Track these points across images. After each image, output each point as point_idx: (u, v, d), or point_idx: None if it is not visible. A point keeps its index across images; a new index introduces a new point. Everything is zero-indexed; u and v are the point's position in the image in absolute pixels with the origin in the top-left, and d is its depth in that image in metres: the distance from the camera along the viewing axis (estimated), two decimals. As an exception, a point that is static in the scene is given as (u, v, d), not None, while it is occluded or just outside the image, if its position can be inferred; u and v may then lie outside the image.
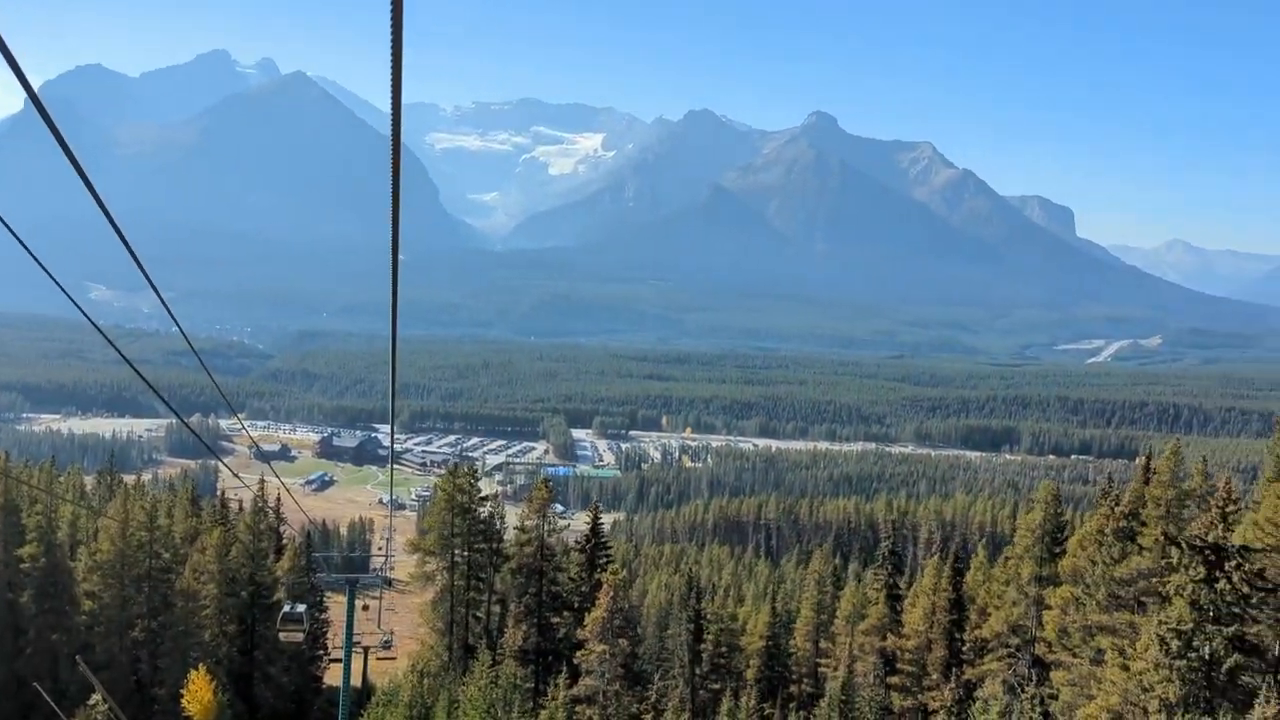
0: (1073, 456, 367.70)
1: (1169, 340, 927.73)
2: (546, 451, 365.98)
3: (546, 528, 47.46)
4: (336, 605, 65.07)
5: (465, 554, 52.10)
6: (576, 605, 46.98)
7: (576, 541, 53.05)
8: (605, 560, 50.87)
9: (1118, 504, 50.03)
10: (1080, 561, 52.20)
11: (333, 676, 65.30)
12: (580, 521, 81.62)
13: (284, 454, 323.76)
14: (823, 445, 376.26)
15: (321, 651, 67.24)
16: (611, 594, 39.49)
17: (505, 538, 56.54)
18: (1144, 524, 47.49)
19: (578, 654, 41.29)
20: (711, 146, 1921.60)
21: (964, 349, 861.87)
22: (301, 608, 34.37)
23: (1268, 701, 35.56)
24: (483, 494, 53.65)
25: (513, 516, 56.91)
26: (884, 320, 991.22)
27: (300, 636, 34.51)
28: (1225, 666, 39.77)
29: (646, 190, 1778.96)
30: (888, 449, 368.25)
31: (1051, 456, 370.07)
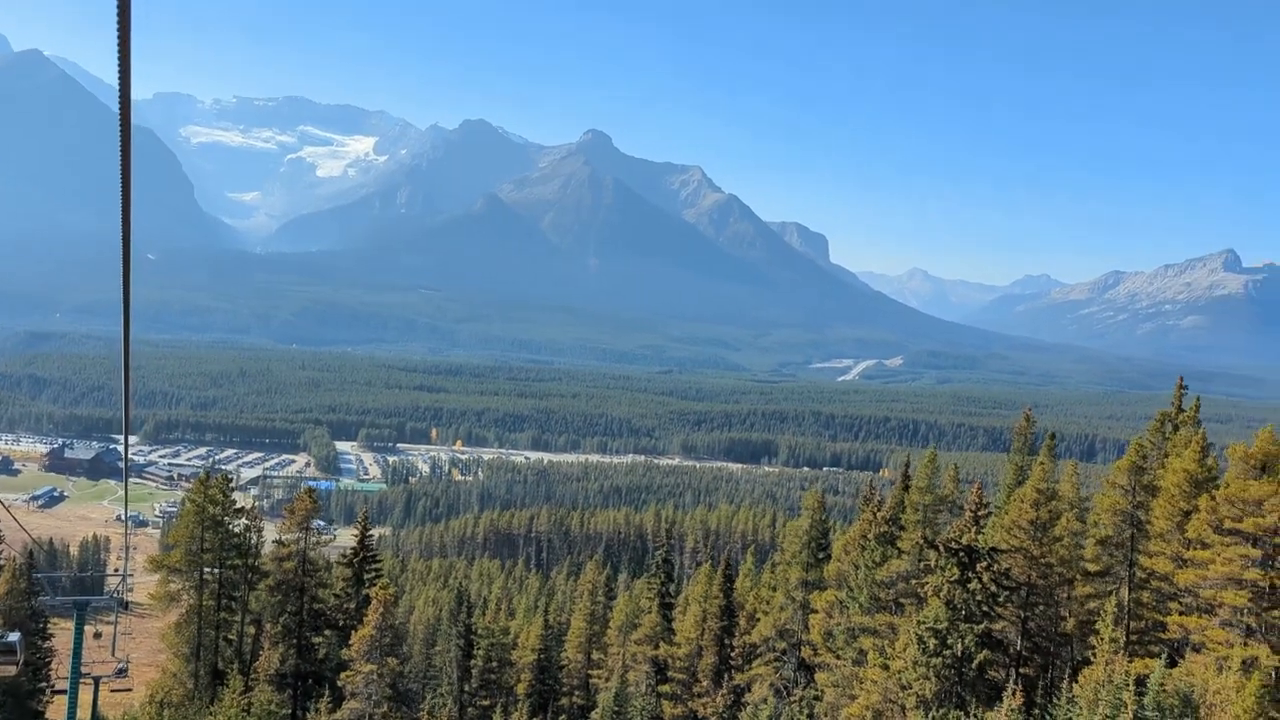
0: (825, 469, 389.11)
1: (909, 361, 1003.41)
2: (307, 465, 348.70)
3: (310, 541, 44.16)
4: (64, 632, 58.22)
5: (216, 571, 47.69)
6: (341, 623, 43.96)
7: (343, 555, 49.78)
8: (374, 574, 47.99)
9: (879, 510, 52.39)
10: (844, 566, 54.29)
11: (57, 711, 58.25)
12: (345, 537, 77.34)
13: (4, 466, 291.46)
14: (594, 458, 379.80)
15: (44, 684, 59.90)
16: (381, 610, 37.03)
17: (262, 553, 52.34)
18: (903, 528, 49.94)
19: (342, 675, 38.52)
20: (487, 157, 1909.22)
21: (728, 365, 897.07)
22: (14, 636, 29.91)
23: (1013, 694, 37.84)
24: (238, 505, 49.42)
25: (271, 532, 52.84)
26: (654, 335, 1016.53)
27: (13, 670, 30.03)
28: (975, 662, 42.10)
29: (419, 197, 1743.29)
30: (656, 461, 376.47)
31: (806, 469, 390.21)
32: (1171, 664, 36.42)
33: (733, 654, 63.37)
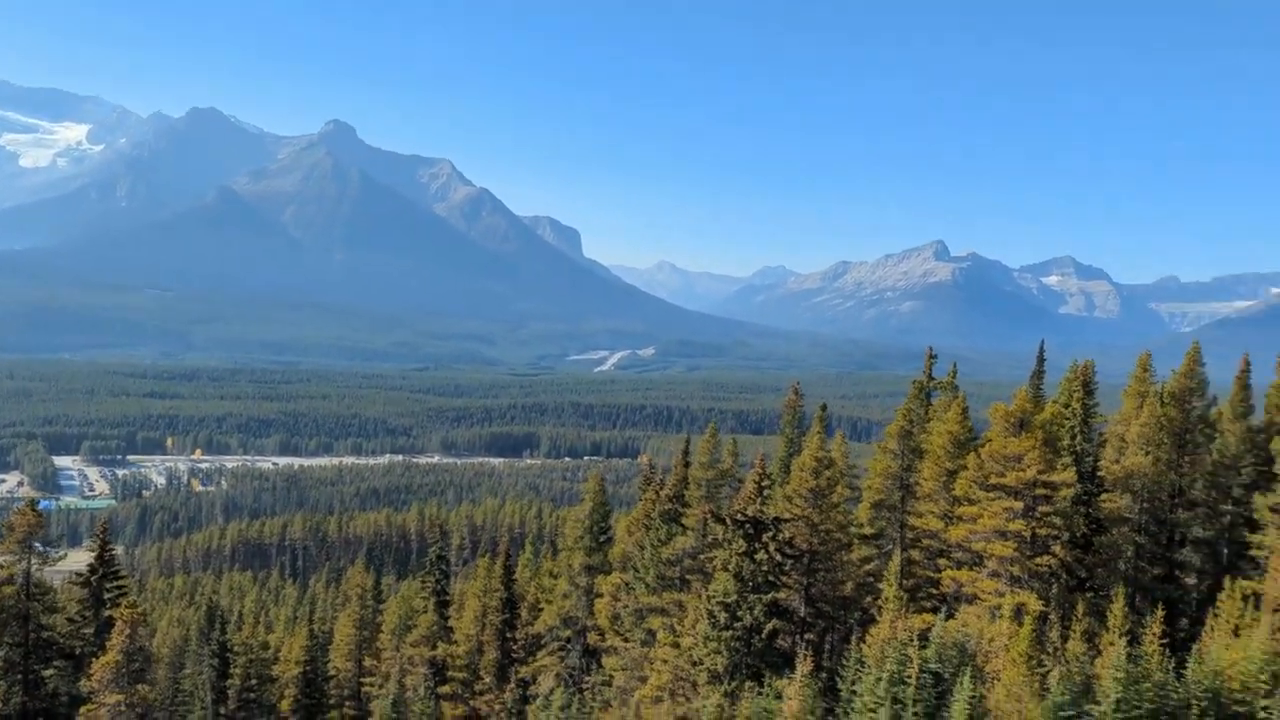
0: (585, 458, 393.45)
1: (661, 350, 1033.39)
2: (21, 483, 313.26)
3: (34, 562, 38.37)
4: None
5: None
6: (78, 652, 38.53)
7: (76, 575, 43.83)
8: (117, 593, 42.49)
9: (662, 489, 52.21)
10: (629, 547, 53.80)
11: None
12: (73, 561, 69.05)
13: None
14: (349, 460, 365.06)
15: None
16: (128, 632, 32.53)
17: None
18: (687, 505, 49.96)
19: (82, 710, 33.62)
20: (219, 148, 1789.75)
21: (485, 360, 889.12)
22: None
23: (804, 659, 38.38)
24: (-62, 529, 42.28)
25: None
26: (407, 332, 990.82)
27: None
28: (765, 631, 42.53)
29: (142, 190, 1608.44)
30: (416, 460, 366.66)
31: (568, 459, 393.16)
32: (948, 617, 38.13)
33: (515, 647, 61.60)
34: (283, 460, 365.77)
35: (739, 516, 43.75)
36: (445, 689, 61.41)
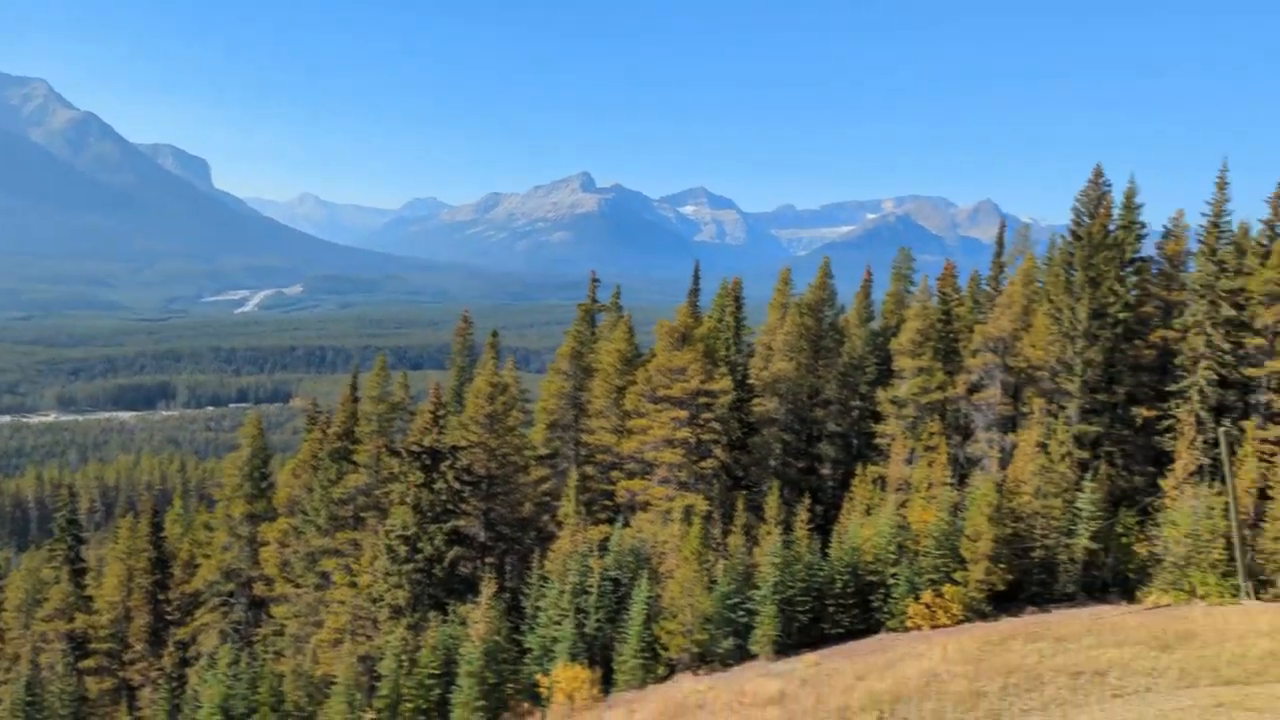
0: (231, 405, 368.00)
1: (308, 288, 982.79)
2: None
3: None
4: None
5: None
6: None
7: None
8: None
9: (329, 426, 49.94)
10: (295, 491, 51.12)
11: None
12: None
13: None
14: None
15: None
16: None
17: None
18: (358, 442, 48.15)
19: None
20: None
21: (104, 304, 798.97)
22: None
23: (488, 583, 38.72)
24: None
25: None
26: (3, 277, 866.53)
27: None
28: (447, 560, 42.37)
29: None
30: (27, 420, 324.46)
31: (211, 408, 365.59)
32: (624, 526, 39.96)
33: (169, 609, 56.86)
34: None
35: (415, 448, 42.90)
36: (89, 663, 55.57)
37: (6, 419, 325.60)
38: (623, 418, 43.29)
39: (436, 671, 37.69)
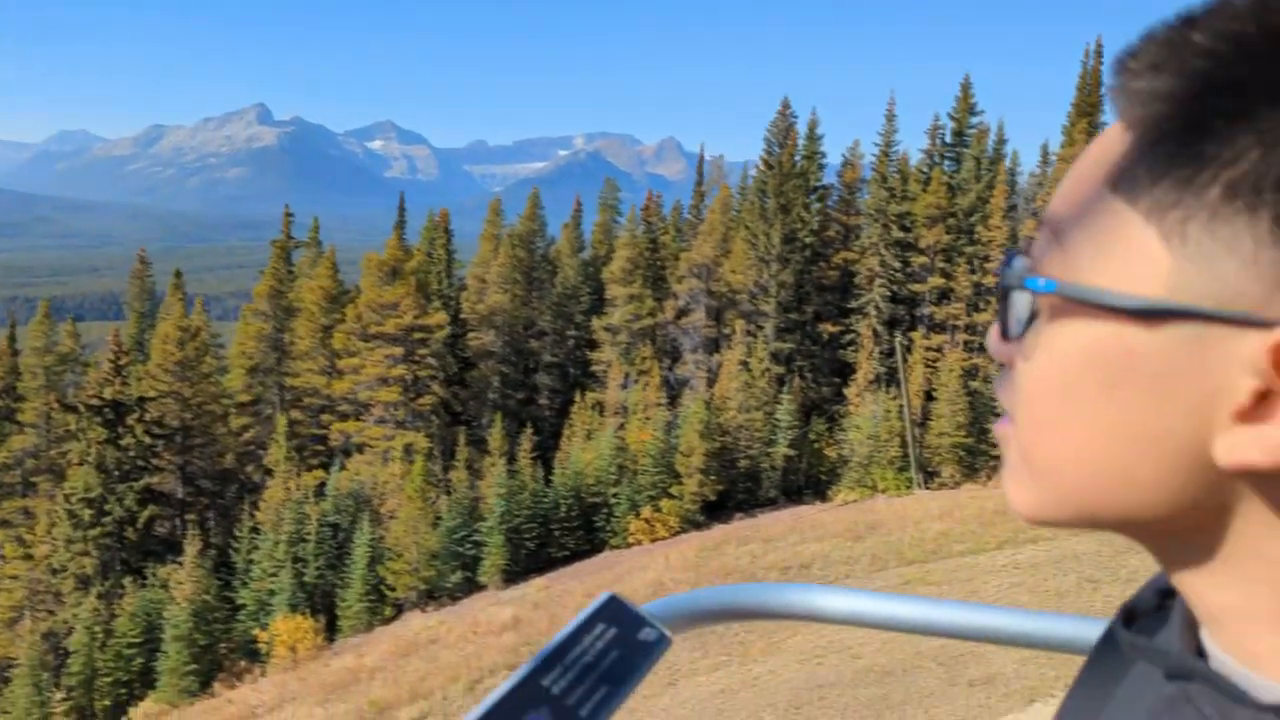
0: None
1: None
2: None
3: None
4: None
5: None
6: None
7: None
8: None
9: (-16, 385, 44.01)
10: (-55, 459, 44.81)
11: None
12: None
13: None
14: None
15: None
16: None
17: None
18: (22, 399, 42.80)
19: None
20: None
21: None
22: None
23: (192, 539, 36.17)
24: None
25: None
26: None
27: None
28: (140, 520, 39.06)
29: None
30: None
31: None
32: (340, 470, 38.46)
33: None
34: None
35: (95, 401, 38.88)
36: None
37: None
38: (331, 358, 41.42)
39: (137, 640, 34.90)
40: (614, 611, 0.90)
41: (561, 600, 31.11)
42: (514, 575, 35.20)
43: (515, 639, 28.40)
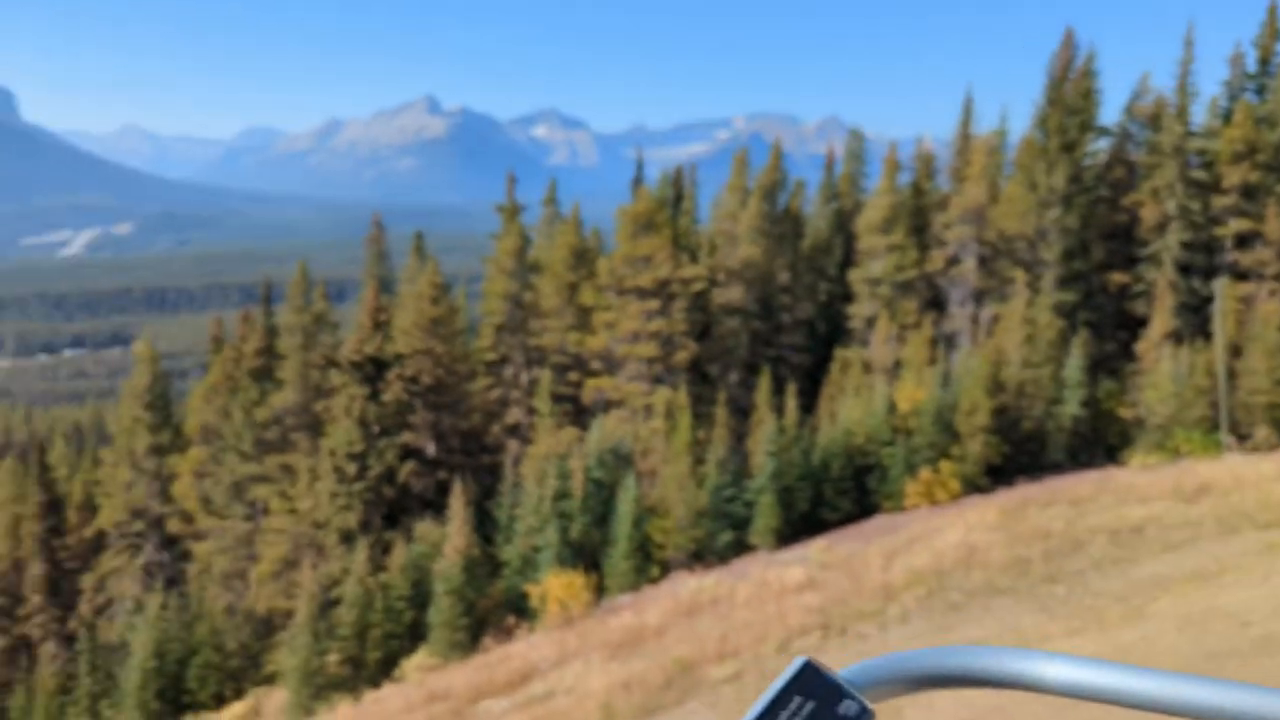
0: (66, 353, 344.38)
1: (140, 226, 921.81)
2: None
3: None
4: None
5: None
6: None
7: None
8: None
9: (245, 343, 45.44)
10: (209, 416, 46.52)
11: None
12: None
13: None
14: None
15: None
16: None
17: None
18: (281, 357, 43.93)
19: None
20: None
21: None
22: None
23: (458, 493, 35.96)
24: None
25: None
26: None
27: None
28: (401, 477, 39.32)
29: None
30: None
31: (44, 356, 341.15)
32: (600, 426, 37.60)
33: (66, 555, 51.67)
34: None
35: (356, 357, 39.31)
36: (-21, 623, 50.12)
37: None
38: (578, 315, 40.60)
39: (407, 594, 34.99)
40: (810, 680, 0.83)
41: (852, 562, 29.13)
42: (785, 537, 33.45)
43: (818, 599, 26.58)
